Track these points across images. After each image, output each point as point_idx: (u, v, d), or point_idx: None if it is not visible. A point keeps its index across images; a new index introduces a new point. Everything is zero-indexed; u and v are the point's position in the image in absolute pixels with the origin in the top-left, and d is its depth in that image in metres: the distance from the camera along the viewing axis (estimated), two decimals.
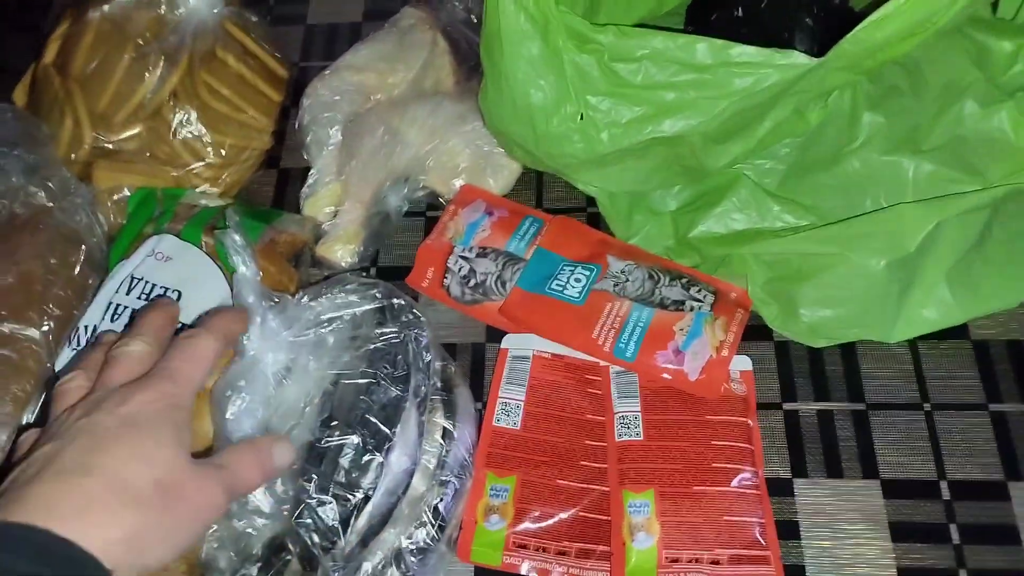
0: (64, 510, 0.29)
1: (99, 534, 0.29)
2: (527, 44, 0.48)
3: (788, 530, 0.50)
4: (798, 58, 0.44)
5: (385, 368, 0.49)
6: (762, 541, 0.49)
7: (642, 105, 0.48)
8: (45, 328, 0.54)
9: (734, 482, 0.51)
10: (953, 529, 0.50)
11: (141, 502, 0.31)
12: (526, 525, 0.51)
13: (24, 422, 0.51)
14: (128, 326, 0.42)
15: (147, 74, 0.61)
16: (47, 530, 0.28)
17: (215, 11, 0.63)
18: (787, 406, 0.55)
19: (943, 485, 0.51)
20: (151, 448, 0.33)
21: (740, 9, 0.57)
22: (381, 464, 0.46)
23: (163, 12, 0.62)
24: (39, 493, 0.30)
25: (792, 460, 0.53)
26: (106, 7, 0.62)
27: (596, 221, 0.63)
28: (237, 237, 0.48)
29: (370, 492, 0.46)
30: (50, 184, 0.58)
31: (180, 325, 0.53)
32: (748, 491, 0.50)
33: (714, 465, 0.51)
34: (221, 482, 0.35)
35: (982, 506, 0.50)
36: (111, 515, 0.30)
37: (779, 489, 0.52)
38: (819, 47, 0.53)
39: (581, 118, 0.49)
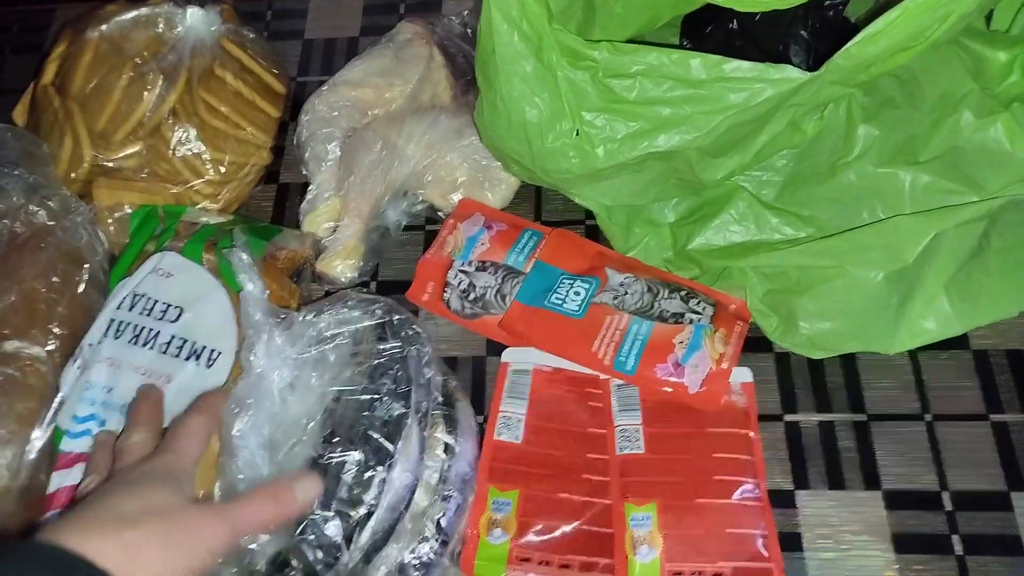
0: (68, 535, 0.35)
1: (98, 548, 0.35)
2: (521, 62, 0.48)
3: (791, 542, 0.51)
4: (791, 72, 0.44)
5: (386, 384, 0.49)
6: (765, 553, 0.49)
7: (637, 120, 0.49)
8: (51, 347, 0.54)
9: (736, 494, 0.51)
10: (956, 540, 0.50)
11: (135, 526, 0.37)
12: (529, 539, 0.51)
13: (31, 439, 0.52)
14: (127, 419, 0.50)
15: (146, 93, 0.61)
16: (59, 546, 0.34)
17: (212, 29, 0.63)
18: (788, 418, 0.55)
19: (945, 496, 0.51)
20: (147, 492, 0.40)
21: (735, 22, 0.57)
22: (383, 480, 0.46)
23: (161, 31, 0.63)
24: (59, 527, 0.37)
25: (794, 472, 0.53)
26: (104, 27, 0.62)
27: (595, 234, 0.63)
28: (244, 256, 0.49)
29: (372, 507, 0.46)
30: (51, 203, 0.59)
31: (181, 343, 0.54)
32: (750, 503, 0.50)
33: (716, 477, 0.51)
34: (220, 515, 0.41)
35: (985, 517, 0.50)
36: (109, 535, 0.36)
37: (781, 501, 0.52)
38: (815, 59, 0.54)
39: (577, 134, 0.49)
